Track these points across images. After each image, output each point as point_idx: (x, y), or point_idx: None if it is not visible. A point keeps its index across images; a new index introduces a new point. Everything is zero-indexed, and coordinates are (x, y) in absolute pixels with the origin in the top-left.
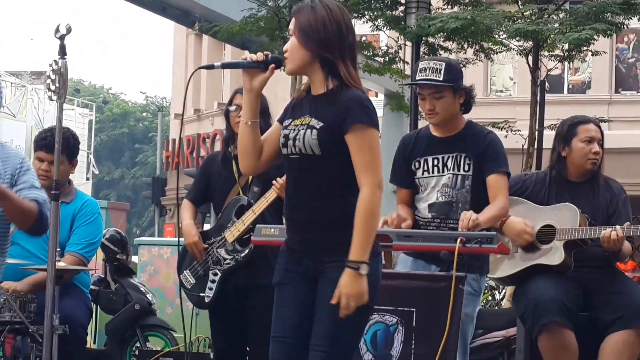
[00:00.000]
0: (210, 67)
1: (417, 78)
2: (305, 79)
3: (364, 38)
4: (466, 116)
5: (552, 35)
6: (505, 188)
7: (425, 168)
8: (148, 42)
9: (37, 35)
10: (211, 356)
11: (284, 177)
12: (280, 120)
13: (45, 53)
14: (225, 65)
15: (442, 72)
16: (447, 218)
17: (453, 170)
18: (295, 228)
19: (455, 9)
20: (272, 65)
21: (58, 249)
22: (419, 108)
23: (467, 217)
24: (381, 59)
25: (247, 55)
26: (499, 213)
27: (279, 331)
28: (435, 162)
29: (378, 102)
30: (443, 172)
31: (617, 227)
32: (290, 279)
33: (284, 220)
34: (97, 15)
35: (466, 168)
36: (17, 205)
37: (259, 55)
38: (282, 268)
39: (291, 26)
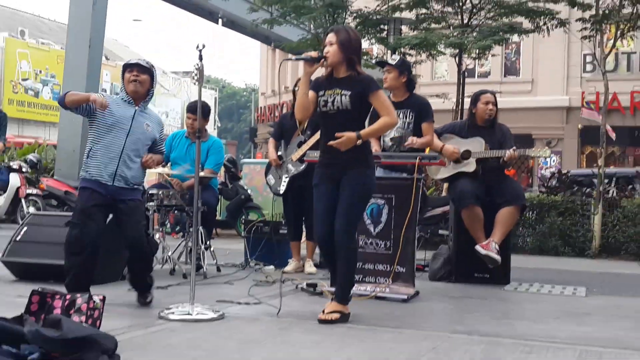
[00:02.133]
0: (288, 60)
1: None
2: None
3: (363, 49)
4: (417, 92)
5: (469, 46)
6: (429, 131)
7: None
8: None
9: (179, 43)
10: (283, 223)
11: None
12: (314, 90)
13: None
14: (298, 59)
15: (396, 61)
16: (399, 144)
17: (403, 118)
18: (328, 154)
19: (415, 32)
20: (322, 59)
21: (201, 167)
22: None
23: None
24: (373, 60)
25: (307, 53)
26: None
27: (319, 214)
28: None
29: None
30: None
31: (514, 148)
32: (323, 181)
33: (319, 152)
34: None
35: (410, 118)
36: None
37: (314, 54)
38: (317, 175)
39: (332, 39)
